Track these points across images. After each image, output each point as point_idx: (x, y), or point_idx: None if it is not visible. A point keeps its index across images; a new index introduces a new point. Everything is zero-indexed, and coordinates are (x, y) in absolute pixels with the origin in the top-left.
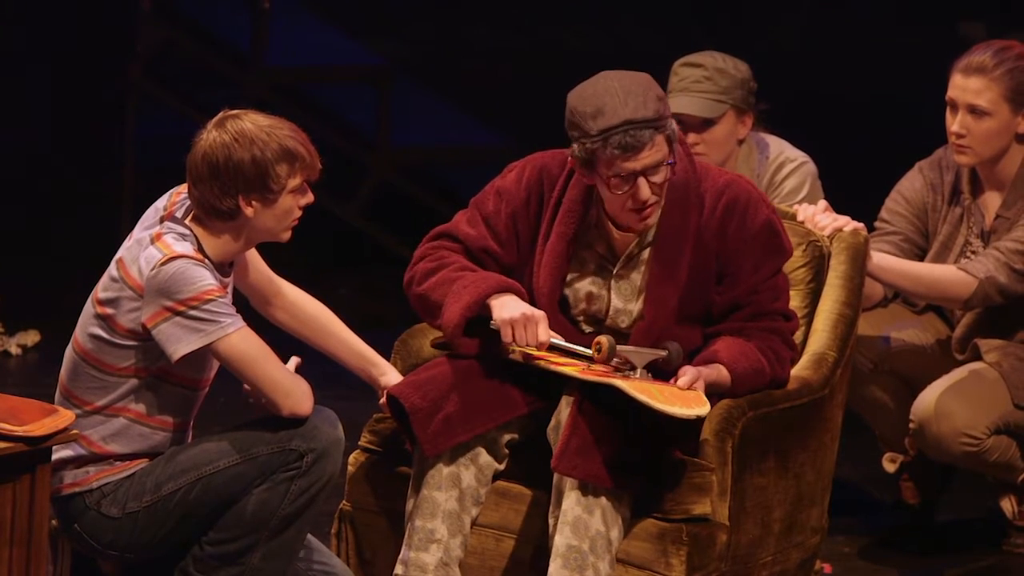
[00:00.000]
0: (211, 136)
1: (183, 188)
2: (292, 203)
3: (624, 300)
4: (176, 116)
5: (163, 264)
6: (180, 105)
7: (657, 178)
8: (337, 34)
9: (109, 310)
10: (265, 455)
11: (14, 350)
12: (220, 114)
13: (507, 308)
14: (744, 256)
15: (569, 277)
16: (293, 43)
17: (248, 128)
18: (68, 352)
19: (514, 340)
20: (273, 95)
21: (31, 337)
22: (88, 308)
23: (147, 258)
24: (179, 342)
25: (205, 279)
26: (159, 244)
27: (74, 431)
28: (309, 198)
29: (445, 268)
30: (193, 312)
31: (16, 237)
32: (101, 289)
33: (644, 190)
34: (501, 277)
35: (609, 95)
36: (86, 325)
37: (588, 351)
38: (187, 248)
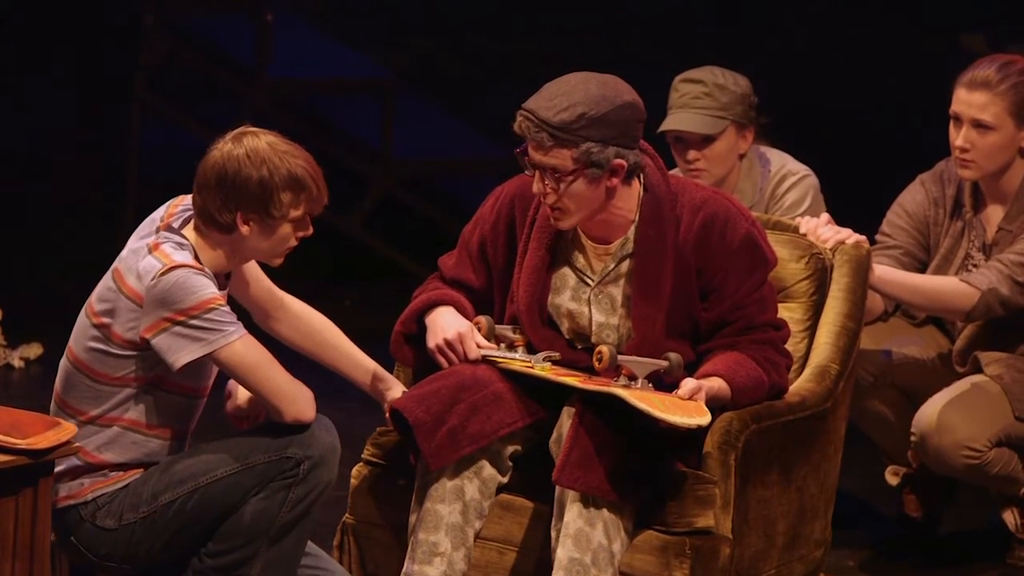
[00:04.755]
0: (226, 147)
1: (180, 200)
2: (290, 232)
3: (605, 314)
4: (179, 128)
5: (163, 274)
6: (183, 118)
7: (552, 182)
8: (340, 46)
9: (106, 320)
10: (262, 463)
11: (17, 363)
12: (240, 128)
13: (433, 331)
14: (727, 272)
15: (550, 296)
16: (296, 55)
17: (263, 148)
18: (63, 363)
19: (448, 363)
20: (276, 107)
21: (34, 350)
22: (83, 320)
23: (145, 268)
24: (180, 351)
25: (206, 287)
26: (157, 254)
27: (77, 444)
28: (308, 231)
29: (417, 297)
30: (194, 321)
31: (18, 249)
32: (96, 300)
33: (536, 183)
34: (437, 292)
35: (555, 85)
36: (81, 336)
37: (522, 358)
38: (186, 257)
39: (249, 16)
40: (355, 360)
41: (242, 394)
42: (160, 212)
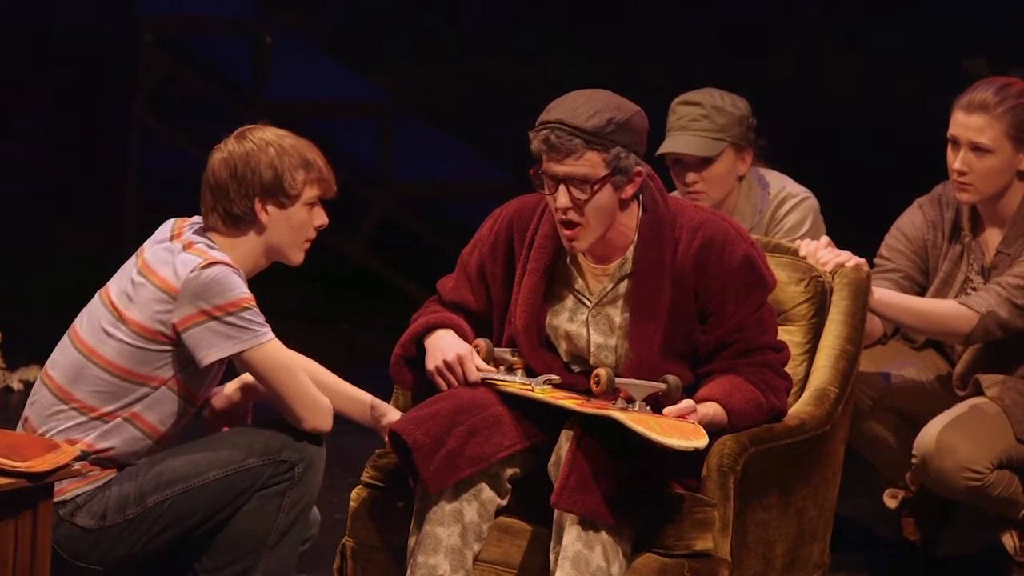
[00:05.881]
0: (231, 145)
1: (185, 219)
2: (307, 217)
3: (603, 336)
4: (178, 151)
5: (204, 268)
6: (182, 139)
7: (579, 193)
8: (338, 69)
9: (130, 313)
10: (255, 466)
11: (16, 385)
12: (240, 129)
13: (433, 353)
14: (725, 294)
15: (548, 317)
16: (294, 77)
17: (269, 137)
18: (70, 354)
19: (448, 385)
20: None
21: (33, 372)
22: (100, 310)
23: (183, 262)
24: (212, 347)
25: (241, 287)
26: (193, 251)
27: (79, 456)
28: (323, 219)
29: (416, 320)
30: (229, 318)
31: (17, 272)
32: (117, 294)
33: (561, 197)
34: (437, 315)
35: (569, 98)
36: (98, 327)
37: (521, 381)
38: (222, 256)
39: (248, 38)
40: (347, 395)
41: (220, 398)
42: (168, 226)
